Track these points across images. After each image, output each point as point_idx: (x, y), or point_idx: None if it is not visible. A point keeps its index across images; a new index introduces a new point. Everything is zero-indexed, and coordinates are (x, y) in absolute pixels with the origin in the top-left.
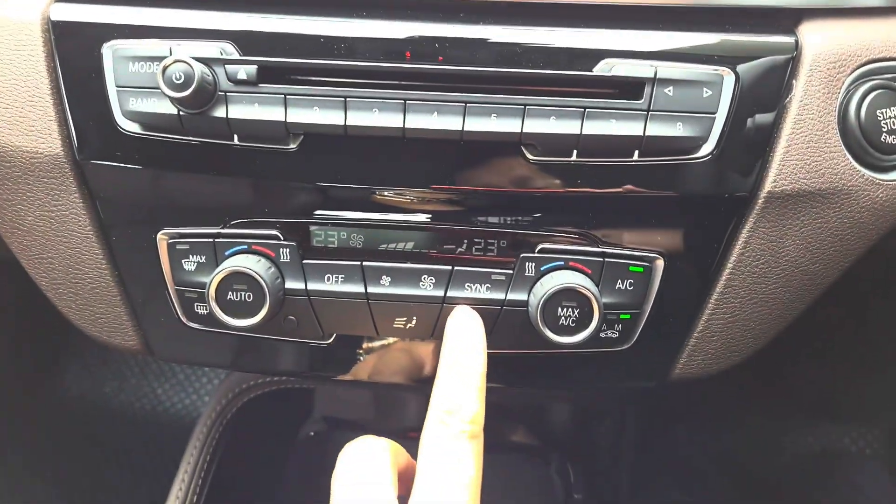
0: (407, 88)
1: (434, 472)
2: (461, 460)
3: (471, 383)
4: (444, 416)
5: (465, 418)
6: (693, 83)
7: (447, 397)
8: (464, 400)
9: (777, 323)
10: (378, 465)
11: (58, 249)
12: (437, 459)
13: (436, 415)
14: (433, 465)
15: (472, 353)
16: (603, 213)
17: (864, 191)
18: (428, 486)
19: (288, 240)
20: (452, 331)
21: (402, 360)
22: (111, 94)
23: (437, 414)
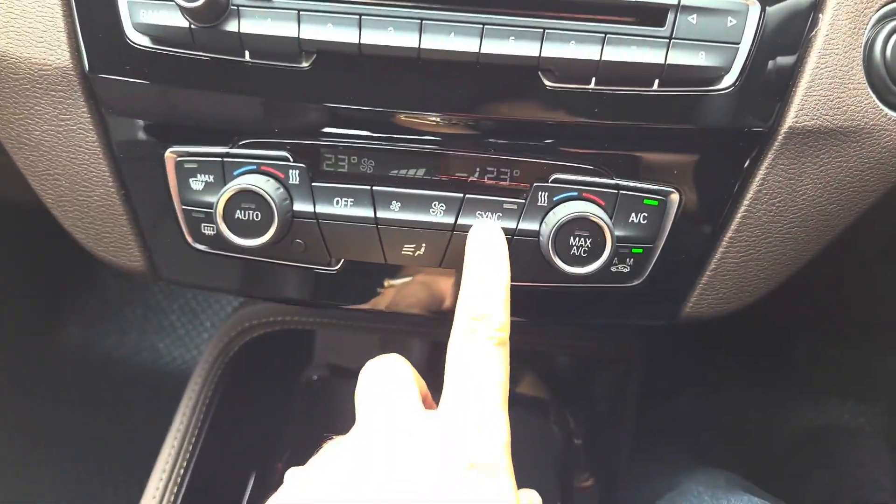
0: (423, 8)
1: (464, 375)
2: (491, 364)
3: (496, 291)
4: (472, 324)
5: (492, 325)
6: (717, 11)
7: (474, 305)
8: (491, 308)
9: (790, 264)
10: (401, 379)
11: (64, 165)
12: (467, 363)
13: (463, 323)
14: (463, 370)
15: (496, 261)
16: (619, 144)
17: (887, 131)
18: (459, 388)
19: (298, 161)
20: (475, 241)
21: (409, 289)
22: (121, 5)
23: (464, 322)
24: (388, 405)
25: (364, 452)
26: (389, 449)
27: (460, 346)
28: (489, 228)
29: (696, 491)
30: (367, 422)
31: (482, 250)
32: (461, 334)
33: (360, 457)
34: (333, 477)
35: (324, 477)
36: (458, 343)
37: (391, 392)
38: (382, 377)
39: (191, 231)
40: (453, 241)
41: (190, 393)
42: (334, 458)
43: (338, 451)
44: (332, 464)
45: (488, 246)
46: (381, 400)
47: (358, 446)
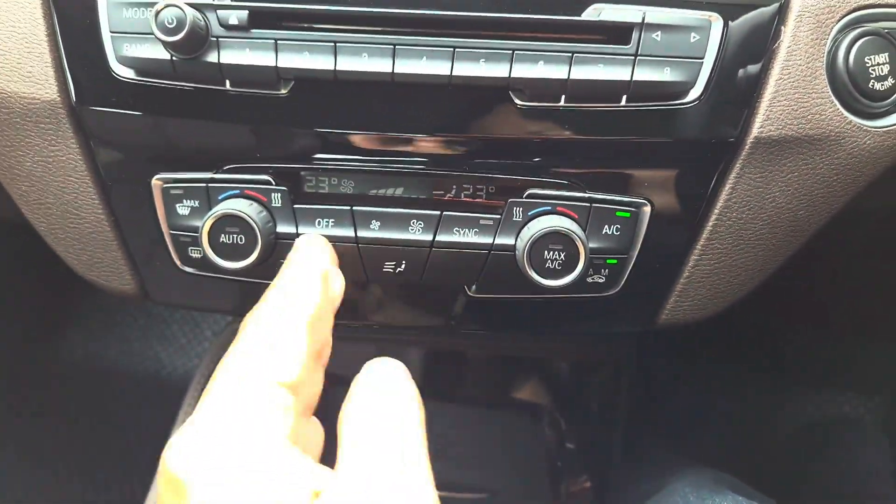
0: (396, 33)
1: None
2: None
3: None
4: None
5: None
6: (681, 28)
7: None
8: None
9: (763, 269)
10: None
11: (55, 194)
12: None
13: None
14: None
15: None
16: (591, 158)
17: (852, 137)
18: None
19: (280, 184)
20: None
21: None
22: (105, 40)
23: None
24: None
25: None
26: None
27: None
28: (310, 241)
29: (682, 491)
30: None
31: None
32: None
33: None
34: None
35: None
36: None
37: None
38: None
39: (179, 254)
40: (432, 257)
41: (186, 407)
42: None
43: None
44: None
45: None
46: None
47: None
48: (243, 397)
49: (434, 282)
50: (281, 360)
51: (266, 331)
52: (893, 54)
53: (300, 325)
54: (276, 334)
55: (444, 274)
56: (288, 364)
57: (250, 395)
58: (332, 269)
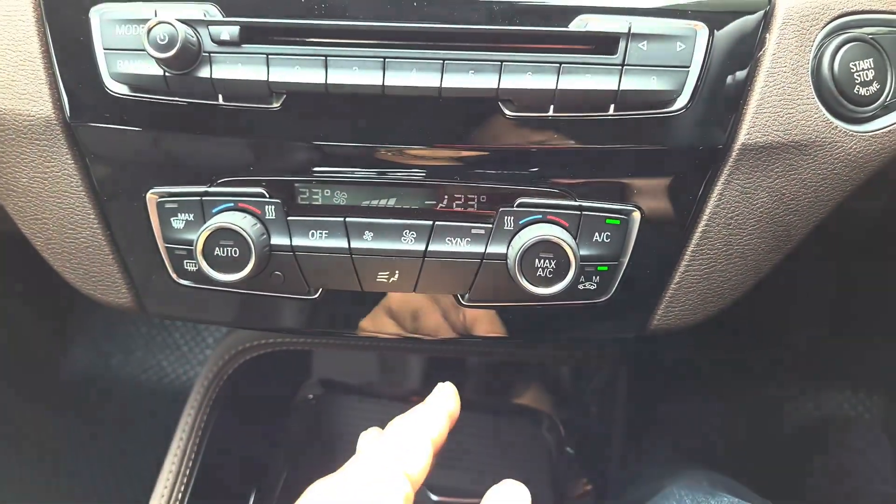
0: (386, 47)
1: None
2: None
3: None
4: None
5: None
6: (667, 37)
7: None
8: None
9: (752, 274)
10: (416, 453)
11: (51, 210)
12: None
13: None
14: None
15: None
16: (580, 167)
17: (838, 142)
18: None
19: (273, 197)
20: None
21: (387, 312)
22: (99, 57)
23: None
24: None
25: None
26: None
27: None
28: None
29: (678, 494)
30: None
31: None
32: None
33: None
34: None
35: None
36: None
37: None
38: (401, 442)
39: (174, 268)
40: (425, 267)
41: (186, 417)
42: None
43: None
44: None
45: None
46: (384, 460)
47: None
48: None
49: (427, 291)
50: (411, 457)
51: (405, 435)
52: (878, 59)
53: (427, 438)
54: (411, 439)
55: (437, 283)
56: (416, 462)
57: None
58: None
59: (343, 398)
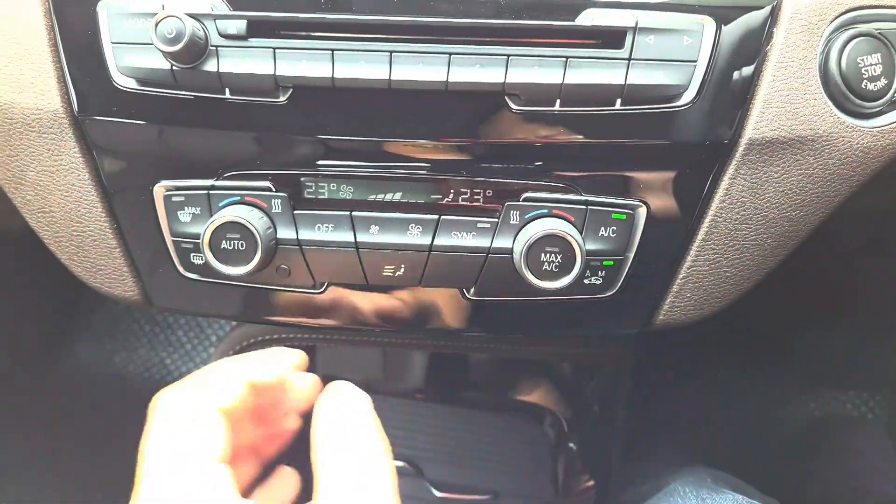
0: (393, 41)
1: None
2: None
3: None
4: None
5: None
6: (674, 32)
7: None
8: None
9: (758, 270)
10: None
11: (59, 203)
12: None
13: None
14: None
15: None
16: (586, 161)
17: (845, 137)
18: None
19: (280, 191)
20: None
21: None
22: (107, 51)
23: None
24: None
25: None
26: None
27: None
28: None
29: (681, 491)
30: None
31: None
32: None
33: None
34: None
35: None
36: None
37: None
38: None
39: (181, 261)
40: (431, 261)
41: None
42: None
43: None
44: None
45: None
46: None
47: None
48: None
49: (433, 285)
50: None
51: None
52: (886, 54)
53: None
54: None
55: (442, 277)
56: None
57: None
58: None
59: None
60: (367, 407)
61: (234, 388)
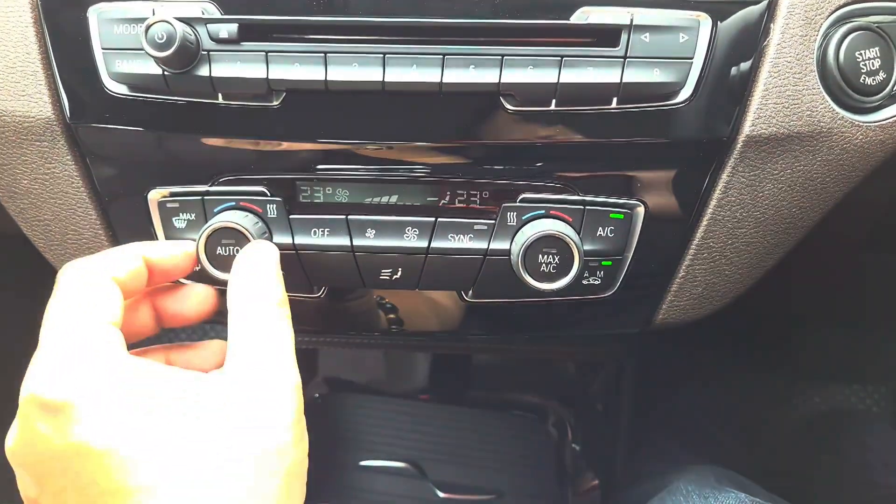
0: (386, 42)
1: (260, 337)
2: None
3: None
4: (261, 303)
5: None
6: (669, 29)
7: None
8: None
9: (758, 267)
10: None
11: (53, 211)
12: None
13: (248, 301)
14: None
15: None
16: (583, 161)
17: (844, 133)
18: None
19: (275, 195)
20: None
21: (391, 310)
22: (98, 57)
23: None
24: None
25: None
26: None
27: (251, 319)
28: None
29: (685, 490)
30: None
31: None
32: (250, 312)
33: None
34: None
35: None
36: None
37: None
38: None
39: None
40: (428, 264)
41: None
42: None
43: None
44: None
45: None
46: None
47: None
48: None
49: (430, 288)
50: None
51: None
52: (884, 48)
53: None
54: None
55: (440, 280)
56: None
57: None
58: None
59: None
60: (269, 264)
61: (129, 260)
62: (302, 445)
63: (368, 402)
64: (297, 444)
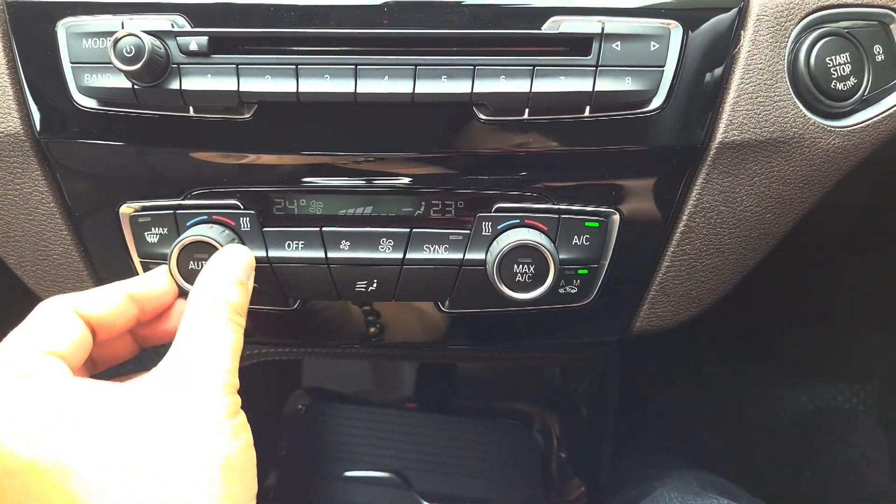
0: (358, 54)
1: (197, 335)
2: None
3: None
4: (209, 303)
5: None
6: (640, 37)
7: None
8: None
9: (734, 274)
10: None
11: (23, 227)
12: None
13: (198, 301)
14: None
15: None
16: (557, 170)
17: (816, 138)
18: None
19: (248, 208)
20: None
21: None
22: (66, 71)
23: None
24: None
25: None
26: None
27: (196, 313)
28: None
29: (667, 497)
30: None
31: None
32: (196, 311)
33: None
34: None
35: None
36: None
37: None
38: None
39: None
40: (404, 276)
41: None
42: None
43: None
44: None
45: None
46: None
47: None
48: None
49: (406, 299)
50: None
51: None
52: (854, 53)
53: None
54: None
55: (416, 291)
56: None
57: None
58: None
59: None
60: (233, 268)
61: (108, 297)
62: (240, 438)
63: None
64: (233, 436)
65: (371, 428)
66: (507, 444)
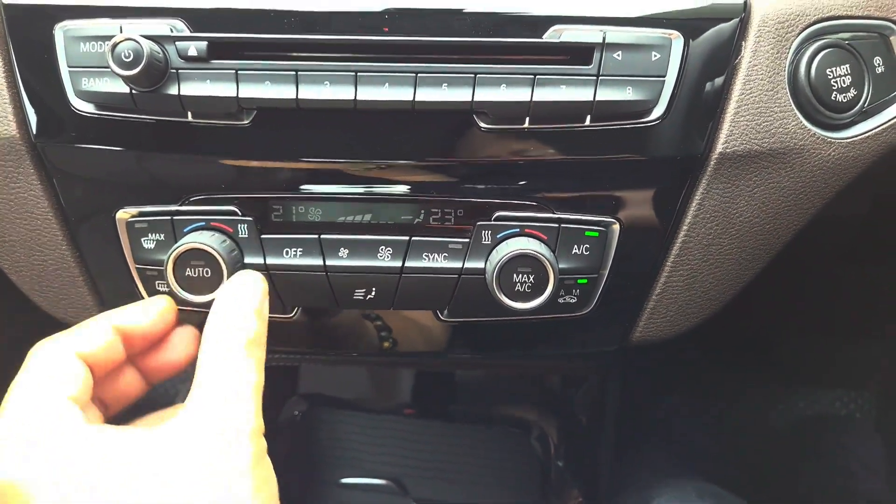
0: (358, 60)
1: (217, 379)
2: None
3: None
4: (227, 341)
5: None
6: (642, 47)
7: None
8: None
9: (733, 284)
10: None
11: (18, 232)
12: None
13: (216, 338)
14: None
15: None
16: (557, 179)
17: (816, 149)
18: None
19: (246, 215)
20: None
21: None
22: (64, 75)
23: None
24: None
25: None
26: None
27: (213, 351)
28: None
29: None
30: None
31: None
32: (214, 351)
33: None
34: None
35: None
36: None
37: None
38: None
39: (146, 289)
40: (402, 284)
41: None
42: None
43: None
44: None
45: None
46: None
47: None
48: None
49: (405, 308)
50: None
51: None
52: (855, 65)
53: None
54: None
55: (414, 300)
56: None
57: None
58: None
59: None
60: (249, 299)
61: (98, 334)
62: (265, 490)
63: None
64: (258, 489)
65: (368, 434)
66: (506, 452)
